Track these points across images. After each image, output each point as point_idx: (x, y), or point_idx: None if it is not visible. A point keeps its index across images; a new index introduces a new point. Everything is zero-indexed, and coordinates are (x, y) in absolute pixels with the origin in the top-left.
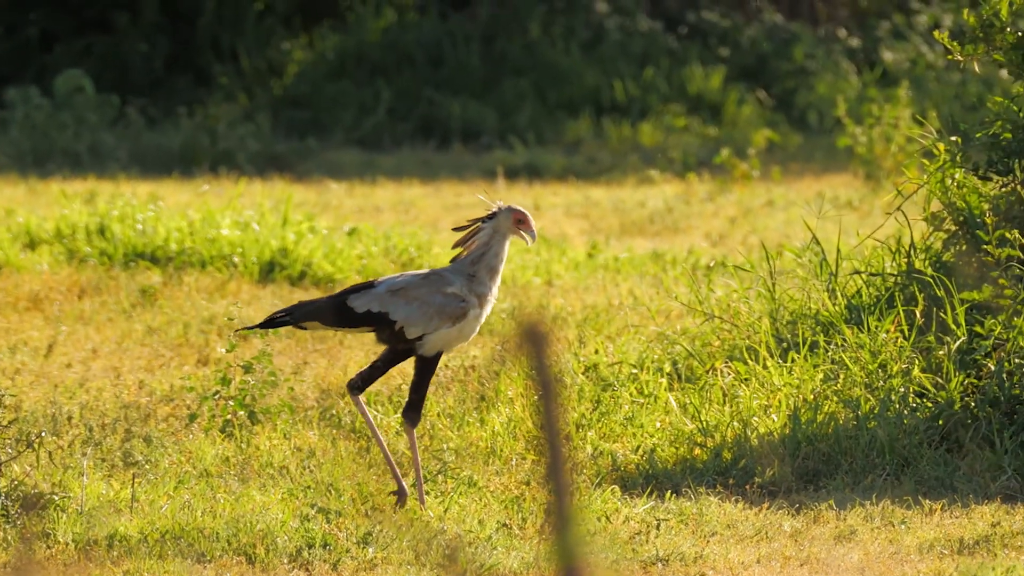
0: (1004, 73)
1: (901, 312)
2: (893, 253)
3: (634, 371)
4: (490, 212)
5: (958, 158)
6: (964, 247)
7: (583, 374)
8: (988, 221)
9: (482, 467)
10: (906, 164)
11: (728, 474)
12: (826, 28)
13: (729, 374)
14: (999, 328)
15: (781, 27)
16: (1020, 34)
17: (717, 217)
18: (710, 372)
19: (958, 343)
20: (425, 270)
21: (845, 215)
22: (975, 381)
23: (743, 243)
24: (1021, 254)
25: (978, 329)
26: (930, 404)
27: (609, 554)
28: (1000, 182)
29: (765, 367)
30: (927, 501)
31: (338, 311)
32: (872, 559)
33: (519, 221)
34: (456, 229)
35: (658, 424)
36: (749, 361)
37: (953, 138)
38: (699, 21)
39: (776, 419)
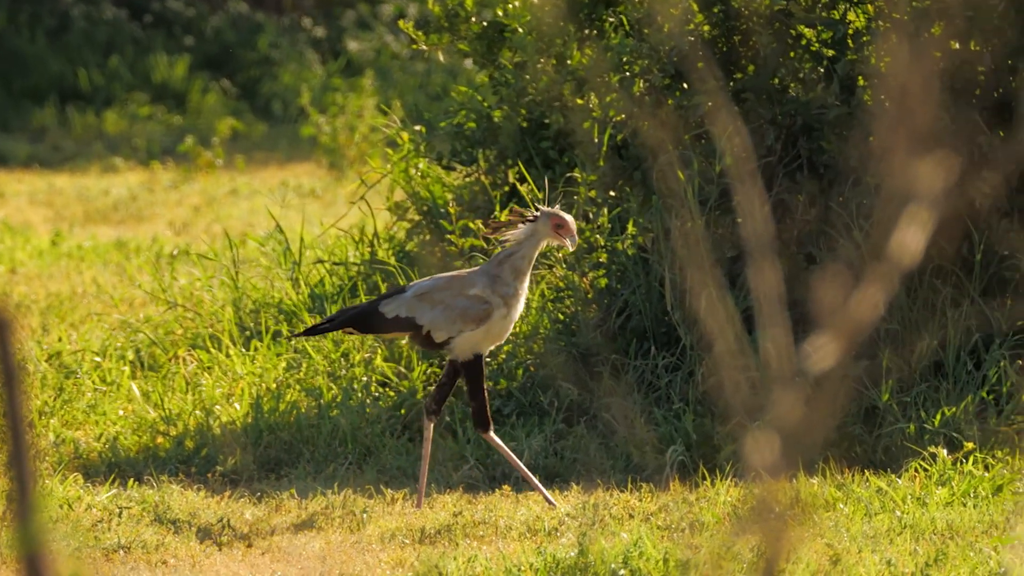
0: (469, 63)
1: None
2: (356, 243)
3: (97, 359)
4: (532, 215)
5: (422, 148)
6: (428, 237)
7: (46, 362)
8: (452, 211)
9: None
10: (370, 154)
11: (191, 462)
12: (291, 18)
13: (192, 362)
14: None
15: (246, 16)
16: (485, 24)
17: (181, 206)
18: (173, 360)
19: None
20: (451, 272)
21: (309, 204)
22: (438, 371)
23: (207, 232)
24: (484, 244)
25: None
26: (392, 393)
27: (71, 542)
28: (464, 172)
29: (228, 356)
30: (389, 490)
31: (372, 317)
32: (334, 548)
33: (558, 226)
34: (491, 222)
35: (121, 412)
36: (212, 350)
37: (417, 128)
38: (164, 10)
39: (239, 408)
